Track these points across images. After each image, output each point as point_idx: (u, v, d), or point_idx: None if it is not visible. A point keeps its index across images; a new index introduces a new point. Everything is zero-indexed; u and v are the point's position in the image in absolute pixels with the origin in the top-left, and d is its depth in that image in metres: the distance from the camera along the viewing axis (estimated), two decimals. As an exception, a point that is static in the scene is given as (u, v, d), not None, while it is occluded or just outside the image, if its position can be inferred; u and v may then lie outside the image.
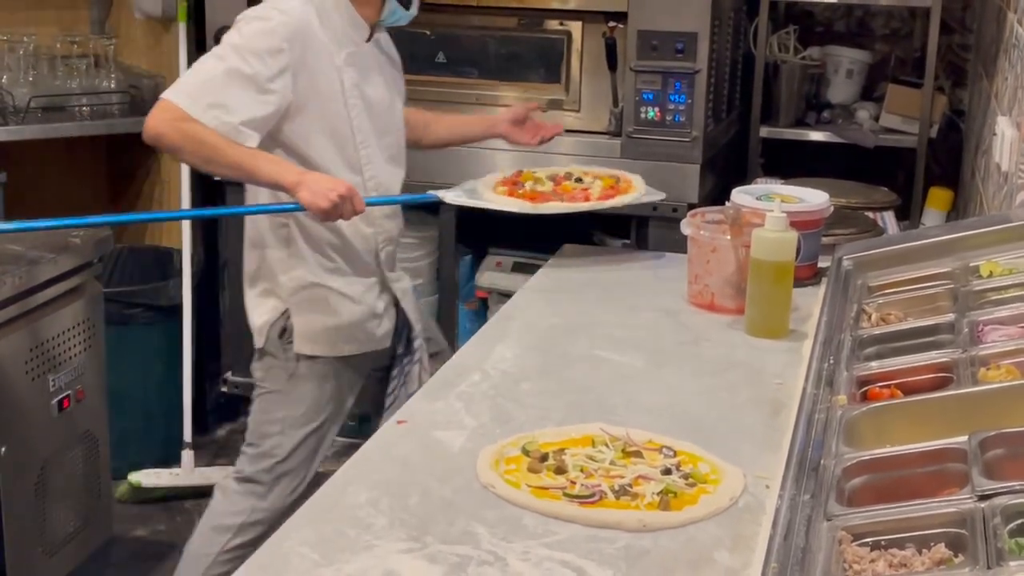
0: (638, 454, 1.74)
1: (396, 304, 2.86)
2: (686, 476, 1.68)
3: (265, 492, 2.77)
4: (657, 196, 3.00)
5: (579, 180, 2.99)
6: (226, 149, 2.52)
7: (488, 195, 2.94)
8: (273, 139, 2.61)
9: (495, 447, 1.77)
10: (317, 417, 2.77)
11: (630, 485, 1.65)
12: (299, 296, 2.73)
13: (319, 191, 2.51)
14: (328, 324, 2.74)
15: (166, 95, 2.54)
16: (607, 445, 1.76)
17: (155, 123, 2.52)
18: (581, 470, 1.69)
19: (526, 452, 1.74)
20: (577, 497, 1.62)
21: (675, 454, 1.75)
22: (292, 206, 2.57)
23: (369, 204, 2.63)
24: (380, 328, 2.82)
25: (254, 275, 2.78)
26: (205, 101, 2.51)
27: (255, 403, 2.82)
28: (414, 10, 2.80)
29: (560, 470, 1.68)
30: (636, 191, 2.93)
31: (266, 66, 2.54)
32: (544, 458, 1.72)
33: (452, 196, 2.92)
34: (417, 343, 2.88)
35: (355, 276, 2.77)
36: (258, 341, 2.78)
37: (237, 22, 2.61)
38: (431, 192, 2.92)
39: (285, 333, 2.74)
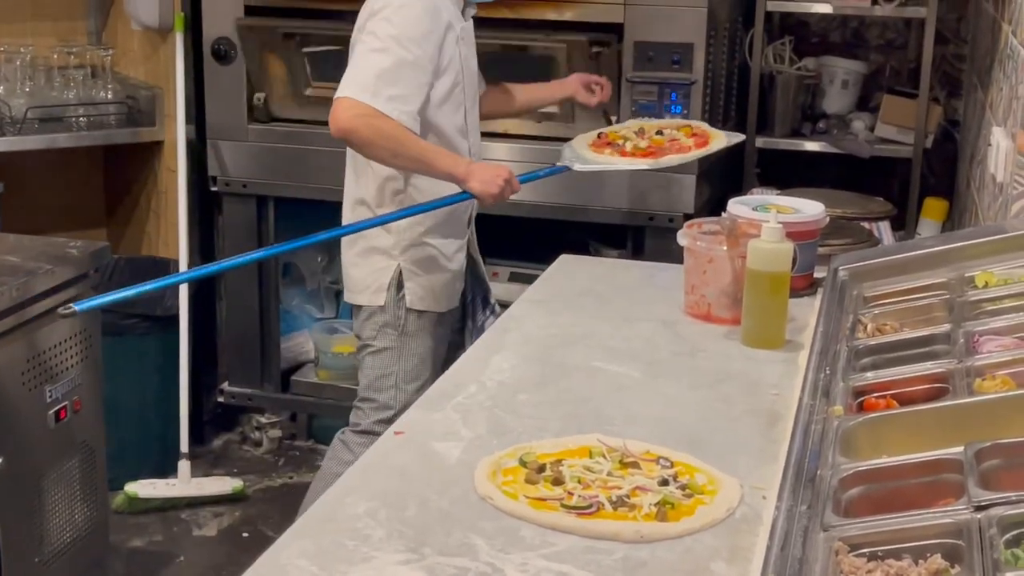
0: (635, 465, 1.74)
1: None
2: (683, 487, 1.68)
3: None
4: (738, 137, 3.23)
5: (660, 133, 3.14)
6: (409, 142, 2.74)
7: (602, 158, 3.07)
8: None
9: (492, 458, 1.77)
10: (426, 370, 2.98)
11: (627, 496, 1.65)
12: (410, 253, 2.93)
13: (487, 179, 2.78)
14: (435, 281, 2.96)
15: (345, 93, 2.70)
16: (604, 456, 1.76)
17: (344, 120, 2.69)
18: (578, 481, 1.69)
19: (523, 463, 1.75)
20: (575, 508, 1.62)
21: (672, 465, 1.75)
22: (459, 197, 2.83)
23: (522, 182, 2.89)
24: (460, 286, 3.07)
25: (362, 235, 2.93)
26: (385, 94, 2.69)
27: (366, 360, 3.01)
28: None
29: (557, 481, 1.69)
30: (719, 136, 3.13)
31: (424, 51, 2.74)
32: (541, 469, 1.72)
33: (580, 165, 3.03)
34: (493, 300, 3.15)
35: (453, 237, 2.99)
36: (372, 299, 2.96)
37: (381, 11, 2.74)
38: (559, 164, 3.06)
39: (400, 290, 2.93)
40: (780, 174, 4.15)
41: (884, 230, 3.34)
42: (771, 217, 2.30)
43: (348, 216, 3.01)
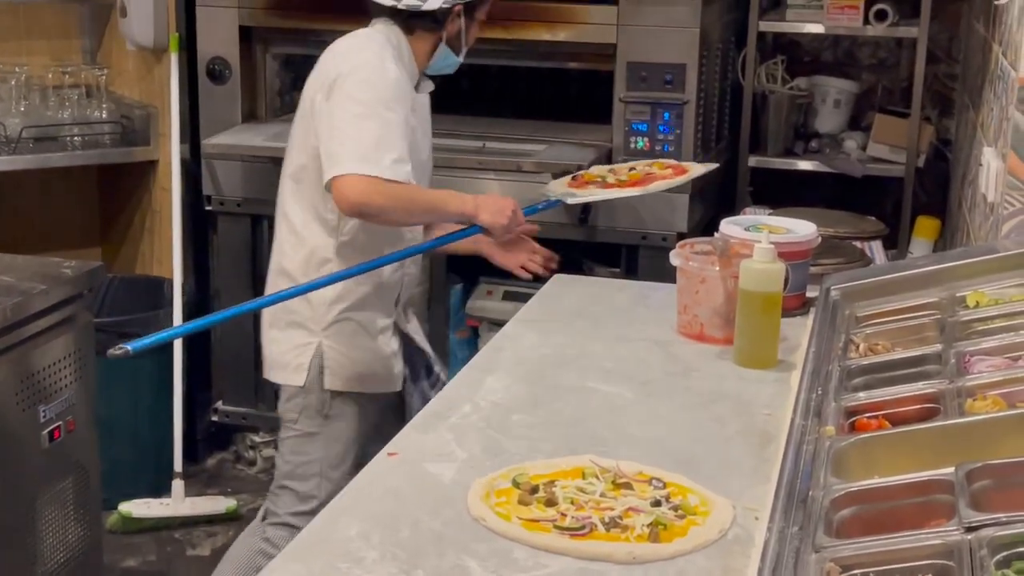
0: (628, 486, 1.75)
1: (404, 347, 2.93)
2: (676, 508, 1.69)
3: None
4: (712, 166, 3.26)
5: (632, 169, 3.17)
6: (418, 197, 2.69)
7: (590, 192, 3.10)
8: None
9: (485, 479, 1.78)
10: (351, 456, 2.82)
11: (620, 517, 1.65)
12: (332, 330, 2.78)
13: (496, 210, 2.73)
14: (358, 359, 2.80)
15: (349, 169, 2.57)
16: (597, 477, 1.77)
17: (356, 196, 2.57)
18: (571, 502, 1.69)
19: (516, 484, 1.75)
20: (567, 529, 1.62)
21: (665, 486, 1.76)
22: (468, 232, 2.79)
23: (527, 214, 2.84)
24: (396, 368, 2.89)
25: (284, 307, 2.78)
26: (387, 160, 2.59)
27: (286, 444, 2.85)
28: (462, 57, 2.85)
29: (550, 502, 1.69)
30: (694, 165, 3.20)
31: (404, 110, 2.67)
32: (534, 490, 1.73)
33: (572, 199, 3.07)
34: (437, 367, 3.00)
35: (378, 312, 2.83)
36: (290, 378, 2.81)
37: (354, 73, 2.64)
38: (553, 198, 3.06)
39: (321, 369, 2.78)
40: (773, 193, 4.17)
41: (876, 249, 3.35)
42: (763, 237, 2.31)
43: (271, 288, 2.86)
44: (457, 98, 4.17)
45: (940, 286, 2.28)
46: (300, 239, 2.79)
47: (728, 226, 2.57)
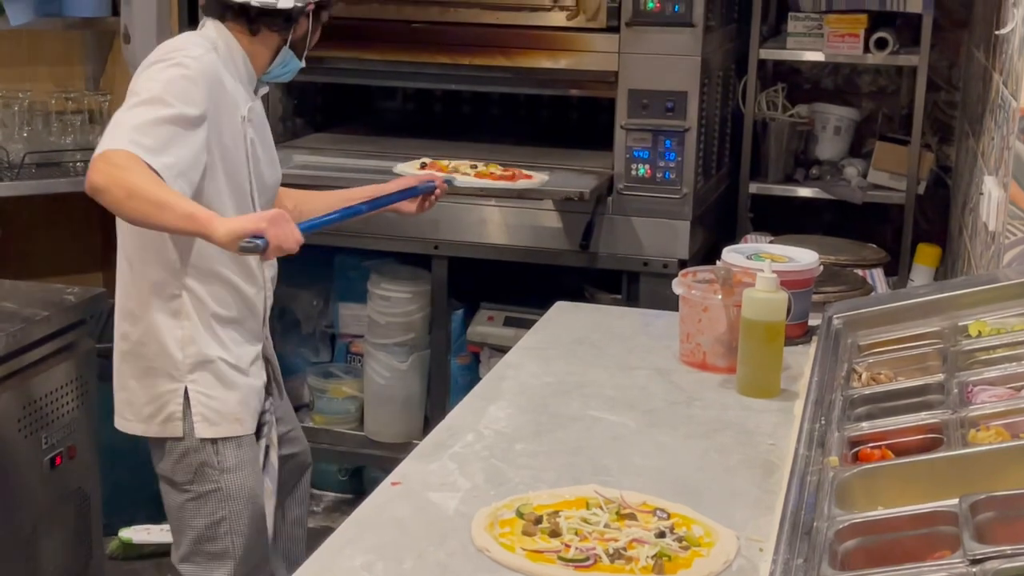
0: (632, 516, 1.75)
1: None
2: (680, 539, 1.69)
3: None
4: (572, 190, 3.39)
5: (474, 166, 3.39)
6: (166, 196, 2.28)
7: (470, 180, 3.35)
8: None
9: (489, 509, 1.78)
10: (255, 501, 2.58)
11: (624, 548, 1.65)
12: (196, 374, 2.50)
13: (279, 228, 2.26)
14: (230, 401, 2.53)
15: (103, 150, 2.28)
16: (601, 507, 1.77)
17: (91, 172, 2.28)
18: (575, 533, 1.69)
19: (520, 515, 1.75)
20: (572, 561, 1.62)
21: (669, 516, 1.76)
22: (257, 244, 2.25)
23: (304, 230, 2.36)
24: (263, 401, 2.64)
25: (134, 352, 2.55)
26: (142, 143, 2.30)
27: (186, 509, 2.58)
28: (303, 62, 2.66)
29: (555, 533, 1.69)
30: (537, 177, 3.44)
31: (194, 108, 2.37)
32: (539, 521, 1.73)
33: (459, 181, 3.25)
34: (268, 403, 2.67)
35: (245, 345, 2.57)
36: (161, 430, 2.54)
37: (147, 68, 2.42)
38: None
39: (188, 418, 2.51)
40: (773, 220, 4.18)
41: (877, 277, 3.36)
42: (766, 267, 2.31)
43: (123, 330, 2.60)
44: (459, 125, 4.20)
45: (942, 315, 2.28)
46: (139, 272, 2.58)
47: (730, 255, 2.58)
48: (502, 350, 3.04)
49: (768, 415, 2.19)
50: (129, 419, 2.60)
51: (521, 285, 3.94)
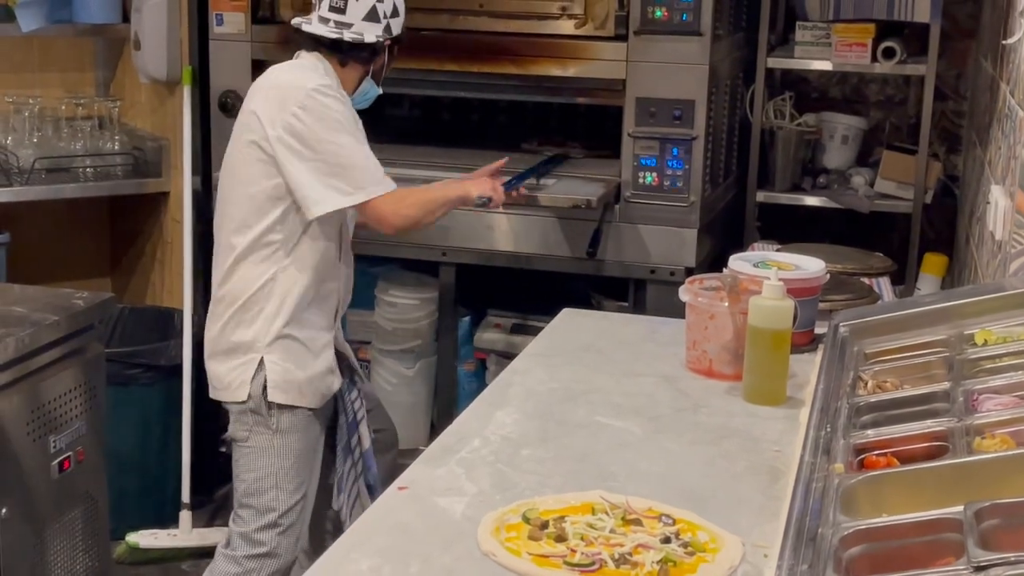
0: (638, 522, 1.75)
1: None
2: (685, 545, 1.69)
3: (272, 549, 2.88)
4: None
5: None
6: (429, 196, 2.94)
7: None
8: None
9: (495, 514, 1.78)
10: (305, 466, 2.93)
11: (630, 554, 1.66)
12: (276, 346, 2.85)
13: (480, 184, 2.99)
14: (300, 375, 2.88)
15: (374, 193, 2.82)
16: (607, 513, 1.78)
17: (393, 217, 2.86)
18: (581, 538, 1.70)
19: (527, 520, 1.76)
20: (578, 566, 1.63)
21: (674, 522, 1.76)
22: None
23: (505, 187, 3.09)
24: (335, 383, 2.98)
25: (225, 328, 2.88)
26: (383, 171, 2.88)
27: (240, 464, 2.95)
28: (380, 90, 3.02)
29: (560, 538, 1.70)
30: None
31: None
32: (545, 526, 1.73)
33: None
34: (357, 379, 3.09)
35: (321, 331, 2.93)
36: (236, 395, 2.89)
37: (315, 107, 2.79)
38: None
39: (264, 384, 2.85)
40: (780, 228, 4.17)
41: (884, 286, 3.36)
42: (772, 274, 2.32)
43: (221, 318, 2.91)
44: (467, 132, 4.20)
45: (948, 323, 2.28)
46: (246, 271, 2.87)
47: (737, 262, 2.58)
48: (509, 357, 3.05)
49: (774, 422, 2.20)
50: (216, 388, 2.95)
51: (528, 292, 3.95)
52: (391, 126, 4.30)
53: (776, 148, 4.15)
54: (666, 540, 1.70)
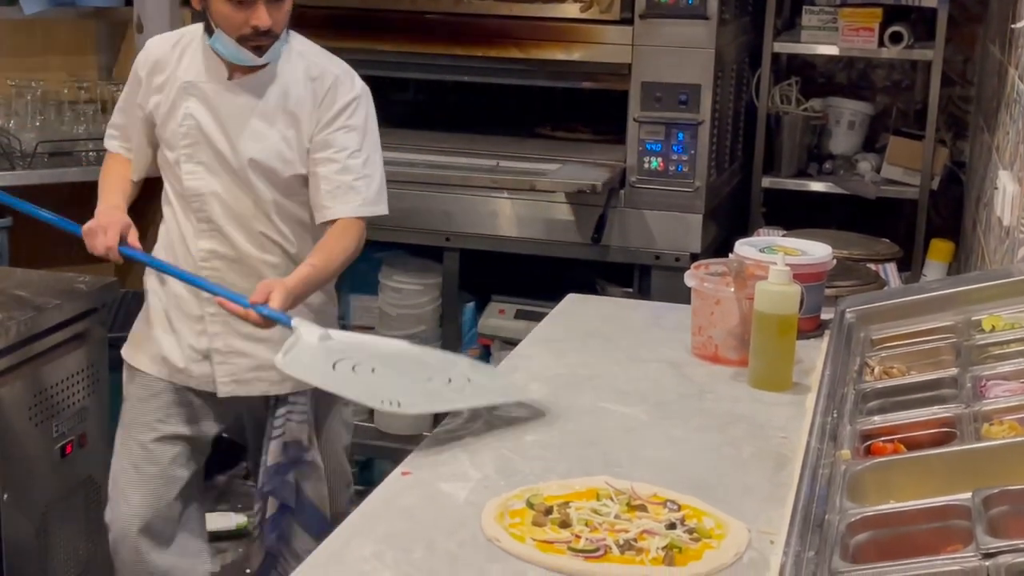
0: (643, 508, 1.74)
1: None
2: (691, 531, 1.68)
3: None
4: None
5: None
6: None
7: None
8: None
9: (500, 500, 1.77)
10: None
11: (635, 539, 1.65)
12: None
13: (94, 233, 2.71)
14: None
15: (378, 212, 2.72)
16: (612, 498, 1.76)
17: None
18: (586, 524, 1.69)
19: (531, 505, 1.75)
20: (582, 551, 1.62)
21: (680, 508, 1.75)
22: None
23: (122, 251, 2.65)
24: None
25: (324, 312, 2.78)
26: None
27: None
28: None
29: (565, 524, 1.69)
30: None
31: None
32: (549, 511, 1.72)
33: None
34: None
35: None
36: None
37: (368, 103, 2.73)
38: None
39: None
40: (786, 214, 4.16)
41: (890, 272, 3.35)
42: (778, 259, 2.30)
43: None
44: (472, 117, 4.19)
45: (955, 309, 2.27)
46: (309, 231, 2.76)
47: (743, 247, 2.57)
48: (513, 343, 3.03)
49: (780, 408, 2.19)
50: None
51: (532, 278, 3.93)
52: (396, 111, 4.29)
53: (782, 133, 4.14)
54: (671, 526, 1.69)
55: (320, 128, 2.66)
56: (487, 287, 3.99)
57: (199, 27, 2.70)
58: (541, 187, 3.50)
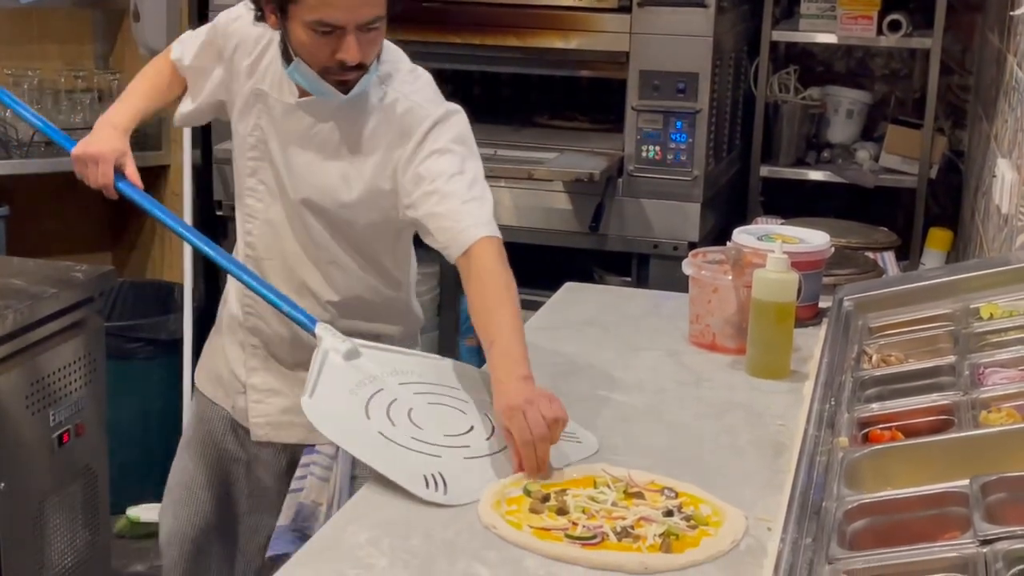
0: (640, 495, 1.74)
1: None
2: (688, 518, 1.68)
3: None
4: None
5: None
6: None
7: None
8: None
9: (497, 487, 1.77)
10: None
11: (632, 527, 1.65)
12: None
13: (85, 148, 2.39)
14: None
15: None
16: (609, 486, 1.76)
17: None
18: (583, 511, 1.69)
19: (528, 493, 1.74)
20: (579, 539, 1.62)
21: (676, 495, 1.75)
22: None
23: (119, 188, 2.37)
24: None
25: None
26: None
27: None
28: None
29: (562, 511, 1.69)
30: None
31: None
32: (546, 499, 1.72)
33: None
34: None
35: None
36: None
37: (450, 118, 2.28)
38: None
39: None
40: (784, 203, 4.16)
41: (888, 260, 3.34)
42: (776, 247, 2.30)
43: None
44: (469, 105, 4.17)
45: (953, 298, 2.27)
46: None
47: (741, 235, 2.56)
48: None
49: (777, 396, 2.18)
50: None
51: (530, 267, 3.91)
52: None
53: (780, 122, 4.13)
54: (668, 513, 1.69)
55: (404, 166, 2.22)
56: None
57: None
58: (539, 176, 3.49)
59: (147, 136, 4.24)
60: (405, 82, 2.28)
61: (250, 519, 2.54)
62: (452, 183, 2.18)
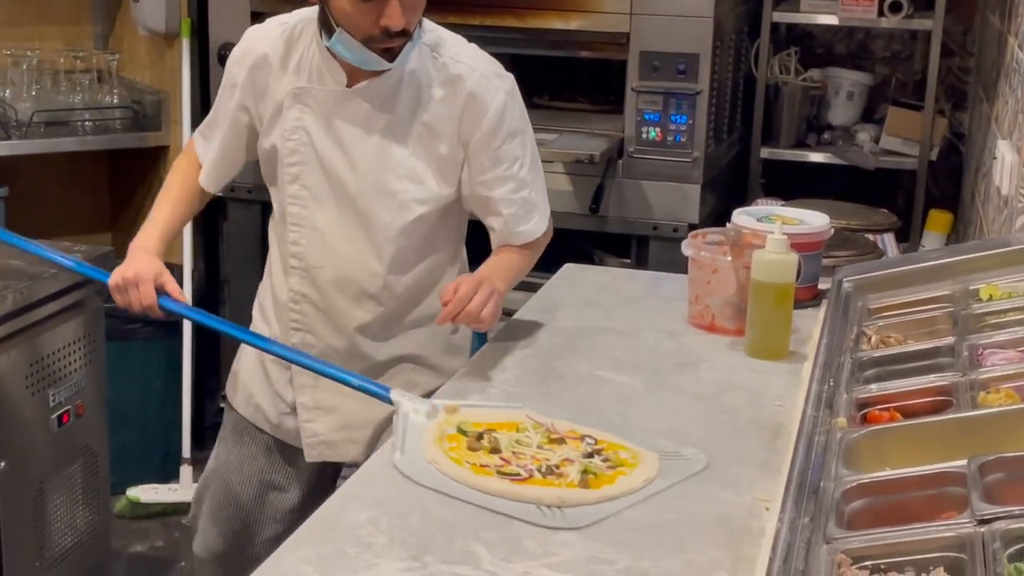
0: (561, 441, 1.85)
1: None
2: (607, 459, 1.79)
3: None
4: None
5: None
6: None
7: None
8: None
9: (436, 423, 1.90)
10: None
11: (556, 466, 1.76)
12: None
13: (123, 274, 2.34)
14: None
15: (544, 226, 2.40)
16: (531, 431, 1.87)
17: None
18: (513, 452, 1.81)
19: (462, 432, 1.87)
20: (509, 475, 1.74)
21: (596, 442, 1.85)
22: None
23: (164, 305, 2.34)
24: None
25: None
26: None
27: None
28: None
29: (495, 450, 1.81)
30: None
31: None
32: (480, 437, 1.84)
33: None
34: None
35: None
36: None
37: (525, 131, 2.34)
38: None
39: None
40: (785, 185, 4.15)
41: (888, 242, 3.34)
42: (776, 228, 2.30)
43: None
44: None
45: (953, 279, 2.27)
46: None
47: (741, 216, 2.56)
48: (510, 313, 3.03)
49: (776, 377, 2.19)
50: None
51: (530, 248, 3.92)
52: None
53: (781, 104, 4.12)
54: (589, 456, 1.80)
55: (481, 144, 2.25)
56: (484, 257, 3.97)
57: (308, 14, 2.30)
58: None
59: (146, 117, 4.23)
60: (456, 46, 2.29)
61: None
62: (522, 170, 2.30)
